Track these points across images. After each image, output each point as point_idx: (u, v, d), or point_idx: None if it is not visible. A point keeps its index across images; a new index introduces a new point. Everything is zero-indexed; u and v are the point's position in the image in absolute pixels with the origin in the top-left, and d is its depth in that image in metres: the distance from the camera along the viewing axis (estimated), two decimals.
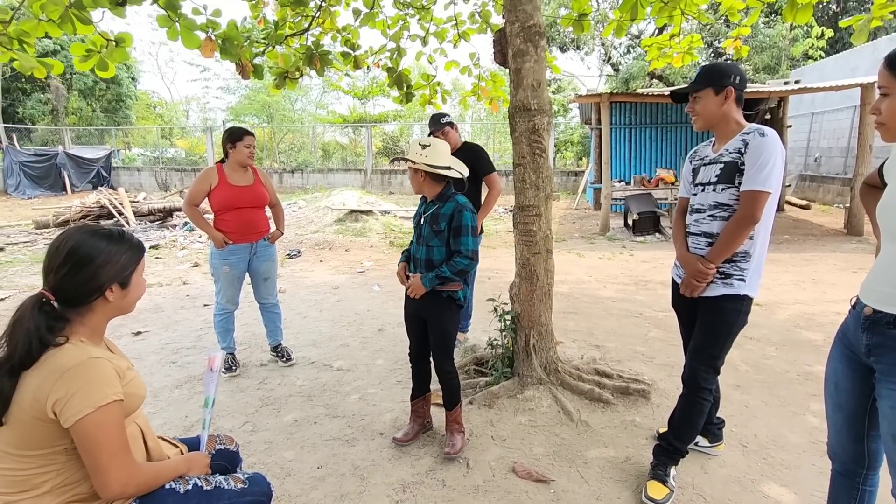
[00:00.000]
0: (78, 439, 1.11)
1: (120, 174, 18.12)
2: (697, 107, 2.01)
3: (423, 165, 2.28)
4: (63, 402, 1.09)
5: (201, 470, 1.39)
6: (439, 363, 2.41)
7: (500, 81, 4.98)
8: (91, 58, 3.04)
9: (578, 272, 6.32)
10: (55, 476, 1.15)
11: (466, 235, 2.27)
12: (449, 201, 2.33)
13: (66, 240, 1.21)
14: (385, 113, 24.31)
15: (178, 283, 5.85)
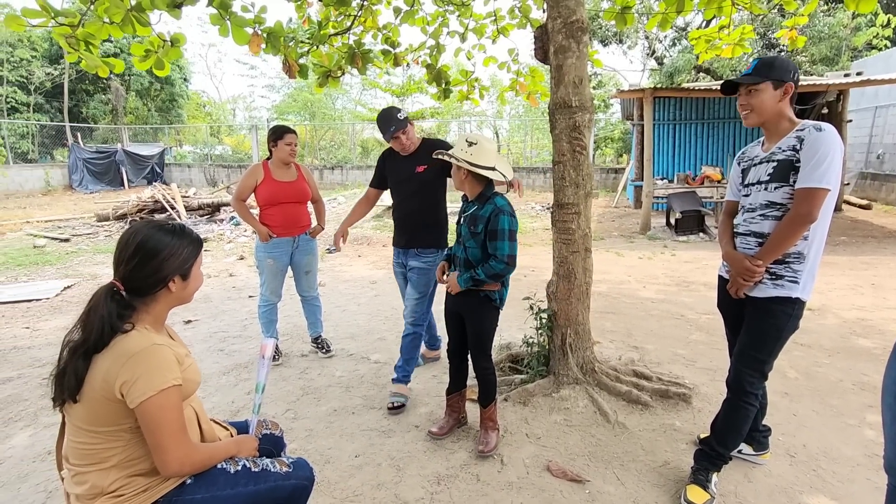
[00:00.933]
0: (141, 420, 1.20)
1: (172, 170, 19.05)
2: (753, 101, 1.91)
3: (464, 164, 2.26)
4: (129, 385, 1.17)
5: (250, 452, 1.46)
6: (476, 360, 2.43)
7: (539, 76, 4.93)
8: (149, 57, 3.22)
9: (617, 271, 6.19)
10: (121, 451, 1.24)
11: (503, 240, 2.22)
12: (488, 203, 2.29)
13: (135, 234, 1.30)
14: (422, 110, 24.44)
15: (224, 275, 6.12)
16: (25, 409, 2.90)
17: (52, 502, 2.11)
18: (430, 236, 2.99)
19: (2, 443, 2.56)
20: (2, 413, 2.85)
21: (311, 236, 3.55)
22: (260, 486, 1.39)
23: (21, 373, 3.37)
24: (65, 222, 10.12)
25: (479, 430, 2.48)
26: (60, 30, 3.00)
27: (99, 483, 1.22)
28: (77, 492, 1.23)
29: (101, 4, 2.91)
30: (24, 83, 18.87)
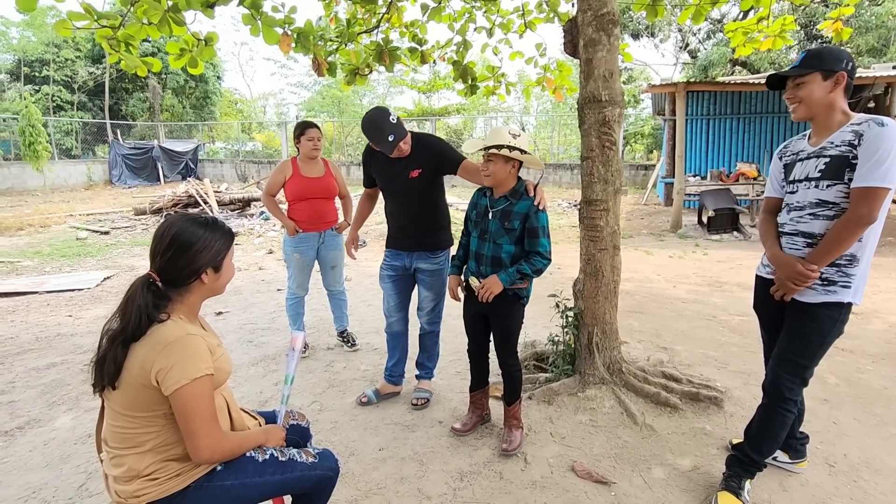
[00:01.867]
0: (175, 407, 1.24)
1: (205, 166, 19.60)
2: (801, 93, 1.80)
3: (519, 154, 2.19)
4: (164, 373, 1.21)
5: (277, 442, 1.49)
6: (504, 358, 2.41)
7: (566, 71, 4.85)
8: (184, 56, 3.32)
9: (646, 270, 6.05)
10: (155, 437, 1.28)
11: (544, 236, 2.24)
12: (524, 199, 2.27)
13: (170, 227, 1.34)
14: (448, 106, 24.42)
15: (254, 269, 6.26)
16: (68, 393, 3.04)
17: (92, 483, 2.20)
18: (441, 237, 2.83)
19: (46, 424, 2.69)
20: (46, 396, 2.99)
21: (338, 231, 3.59)
22: (287, 475, 1.41)
23: (64, 358, 3.53)
24: (105, 216, 10.54)
25: (504, 428, 2.46)
26: (102, 32, 3.12)
27: (135, 466, 1.26)
28: (115, 473, 1.28)
29: (140, 6, 3.00)
30: (69, 82, 19.71)
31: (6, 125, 16.42)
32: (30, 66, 19.35)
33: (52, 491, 2.16)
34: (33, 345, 3.78)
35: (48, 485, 2.20)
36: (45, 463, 2.36)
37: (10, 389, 3.08)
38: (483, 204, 2.39)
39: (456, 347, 3.71)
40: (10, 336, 3.95)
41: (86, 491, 2.16)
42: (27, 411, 2.82)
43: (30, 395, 3.02)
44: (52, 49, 19.18)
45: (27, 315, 4.47)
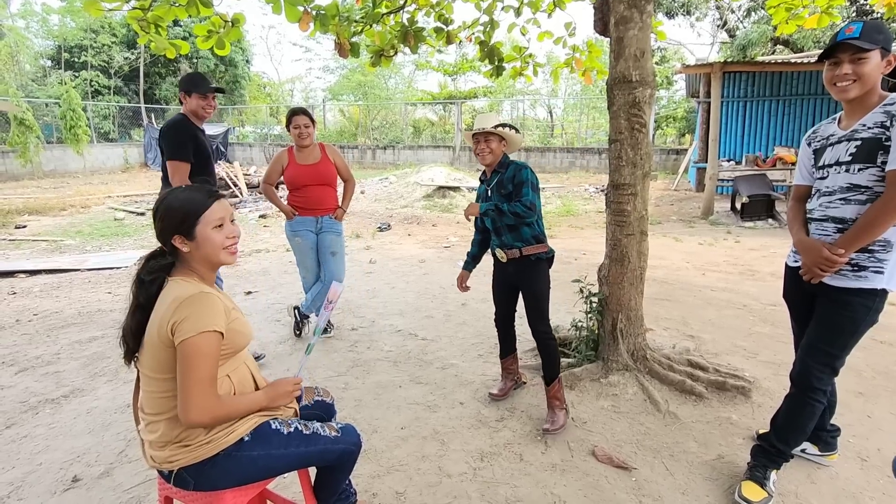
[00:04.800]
0: (178, 360, 1.26)
1: (234, 149, 19.98)
2: (862, 69, 1.65)
3: (509, 131, 2.48)
4: (178, 325, 1.26)
5: (285, 398, 1.46)
6: (535, 324, 2.49)
7: (596, 52, 4.71)
8: (211, 37, 3.36)
9: (674, 257, 5.91)
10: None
11: (527, 187, 2.40)
12: (510, 165, 2.50)
13: (158, 200, 1.42)
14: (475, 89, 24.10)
15: (282, 250, 6.39)
16: (108, 365, 3.20)
17: (130, 450, 2.33)
18: None
19: (90, 394, 2.84)
20: (89, 368, 3.16)
21: (335, 219, 3.53)
22: (310, 448, 1.46)
23: (104, 333, 3.70)
24: (140, 197, 10.91)
25: (547, 408, 2.49)
26: (133, 13, 3.19)
27: (168, 432, 1.32)
28: (150, 439, 1.35)
29: None
30: (106, 67, 20.28)
31: (48, 110, 17.06)
32: (69, 52, 19.97)
33: (94, 456, 2.29)
34: (76, 319, 3.98)
35: (91, 450, 2.33)
36: (88, 430, 2.50)
37: (56, 360, 3.26)
38: (482, 189, 2.62)
39: (478, 330, 3.73)
40: (55, 310, 4.17)
41: (125, 457, 2.28)
42: (71, 381, 2.99)
43: (73, 366, 3.19)
44: (89, 35, 19.71)
45: (70, 291, 4.70)
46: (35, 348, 3.44)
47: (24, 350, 3.41)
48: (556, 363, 2.47)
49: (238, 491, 1.41)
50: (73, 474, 2.16)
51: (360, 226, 7.82)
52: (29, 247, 6.58)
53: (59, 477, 2.15)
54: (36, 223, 8.15)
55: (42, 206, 9.48)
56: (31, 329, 3.77)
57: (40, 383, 2.96)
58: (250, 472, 1.37)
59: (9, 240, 6.92)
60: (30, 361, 3.24)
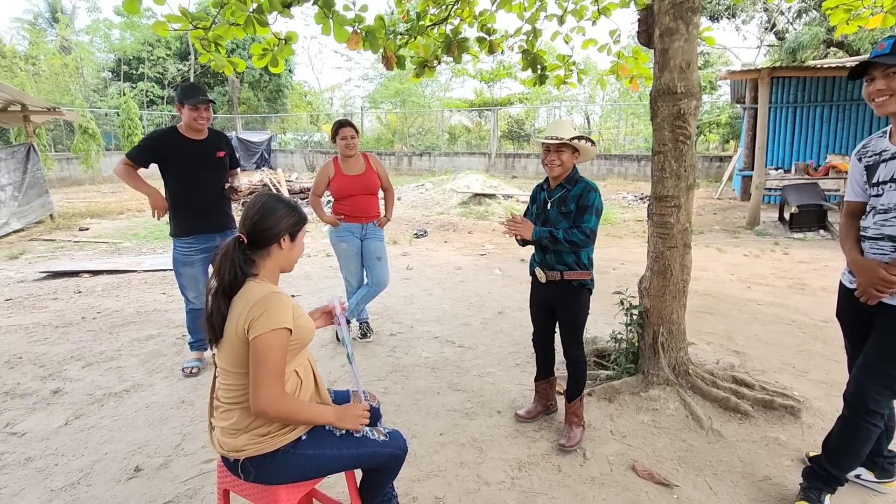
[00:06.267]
0: (251, 354, 1.37)
1: (277, 156, 20.69)
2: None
3: (585, 143, 2.31)
4: (252, 323, 1.36)
5: (353, 422, 1.51)
6: (569, 348, 2.44)
7: (642, 58, 4.66)
8: (266, 56, 3.54)
9: (717, 269, 5.74)
10: None
11: (590, 214, 2.28)
12: (579, 183, 2.35)
13: (261, 197, 1.54)
14: (511, 96, 24.09)
15: (322, 255, 6.59)
16: (164, 362, 3.40)
17: (186, 443, 2.47)
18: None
19: (148, 389, 3.03)
20: (147, 364, 3.37)
21: (379, 226, 3.66)
22: (361, 451, 1.53)
23: (160, 331, 3.93)
24: None
25: (564, 424, 2.48)
26: (195, 33, 3.40)
27: (242, 420, 1.42)
28: (223, 425, 1.45)
29: (228, 9, 3.24)
30: (160, 78, 21.47)
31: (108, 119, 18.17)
32: (128, 65, 21.26)
33: (154, 448, 2.45)
34: (134, 318, 4.24)
35: (150, 442, 2.50)
36: (147, 423, 2.67)
37: (118, 356, 3.49)
38: (542, 197, 2.47)
39: (515, 339, 3.74)
40: (116, 309, 4.45)
41: (181, 450, 2.43)
42: (132, 376, 3.19)
43: (133, 362, 3.40)
44: (146, 48, 20.94)
45: (129, 291, 5.00)
46: (99, 344, 3.69)
47: (89, 346, 3.66)
48: (582, 384, 2.44)
49: (292, 487, 1.49)
50: (136, 464, 2.32)
51: (396, 232, 7.95)
52: (91, 248, 7.04)
53: (123, 466, 2.31)
54: (97, 226, 8.71)
55: (102, 210, 10.12)
56: (95, 326, 4.05)
57: (104, 377, 3.18)
58: (305, 470, 1.45)
59: (73, 241, 7.43)
60: (95, 357, 3.48)
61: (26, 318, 4.22)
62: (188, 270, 3.16)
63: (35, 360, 3.42)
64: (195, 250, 3.14)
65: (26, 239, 7.59)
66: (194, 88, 3.09)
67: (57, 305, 4.56)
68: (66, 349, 3.60)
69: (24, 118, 8.86)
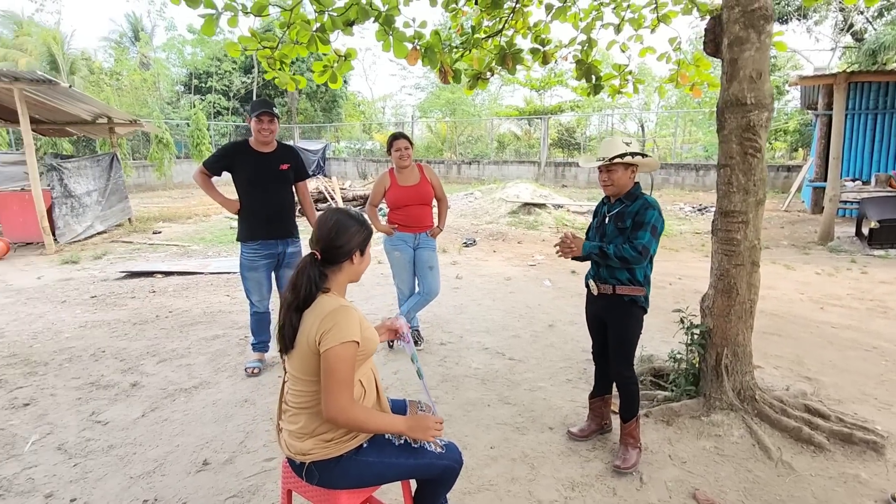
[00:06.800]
0: (322, 365, 1.43)
1: (331, 164, 21.43)
2: None
3: (637, 159, 2.26)
4: (323, 335, 1.42)
5: (425, 433, 1.51)
6: (618, 368, 2.37)
7: (705, 65, 4.49)
8: (326, 72, 3.70)
9: (786, 287, 5.39)
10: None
11: (645, 231, 2.22)
12: (638, 199, 2.31)
13: (333, 214, 1.61)
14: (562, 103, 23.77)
15: (374, 263, 6.74)
16: (228, 361, 3.59)
17: (249, 441, 2.61)
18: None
19: (214, 387, 3.22)
20: (213, 363, 3.57)
21: (431, 236, 3.73)
22: (418, 461, 1.56)
23: (225, 332, 4.17)
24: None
25: (619, 444, 2.41)
26: (263, 52, 3.61)
27: (309, 424, 1.49)
28: (291, 428, 1.53)
29: (293, 29, 3.42)
30: (226, 91, 22.82)
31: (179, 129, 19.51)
32: (198, 78, 22.76)
33: (220, 444, 2.60)
34: (202, 318, 4.52)
35: (216, 438, 2.65)
36: (214, 419, 2.84)
37: (188, 353, 3.73)
38: (602, 212, 2.45)
39: (566, 354, 3.68)
40: (185, 309, 4.77)
41: (245, 448, 2.56)
42: (200, 374, 3.40)
43: (201, 360, 3.62)
44: (215, 62, 22.35)
45: (197, 292, 5.34)
46: (171, 342, 3.96)
47: (162, 343, 3.94)
48: (636, 405, 2.36)
49: (352, 493, 1.54)
50: (204, 458, 2.46)
51: (446, 241, 8.02)
52: (163, 250, 7.57)
53: (193, 459, 2.47)
54: (168, 229, 9.36)
55: (173, 214, 10.86)
56: (167, 324, 4.35)
57: (176, 373, 3.40)
58: (365, 476, 1.50)
59: (148, 243, 8.02)
60: (167, 353, 3.74)
61: (108, 315, 4.59)
62: (253, 275, 3.33)
63: (116, 354, 3.72)
64: (260, 255, 3.31)
65: (108, 241, 8.26)
66: (261, 103, 3.29)
67: (134, 303, 4.94)
68: (142, 345, 3.89)
69: (109, 130, 9.69)
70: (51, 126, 9.33)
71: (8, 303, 4.96)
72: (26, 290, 5.42)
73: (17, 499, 2.19)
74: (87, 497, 2.20)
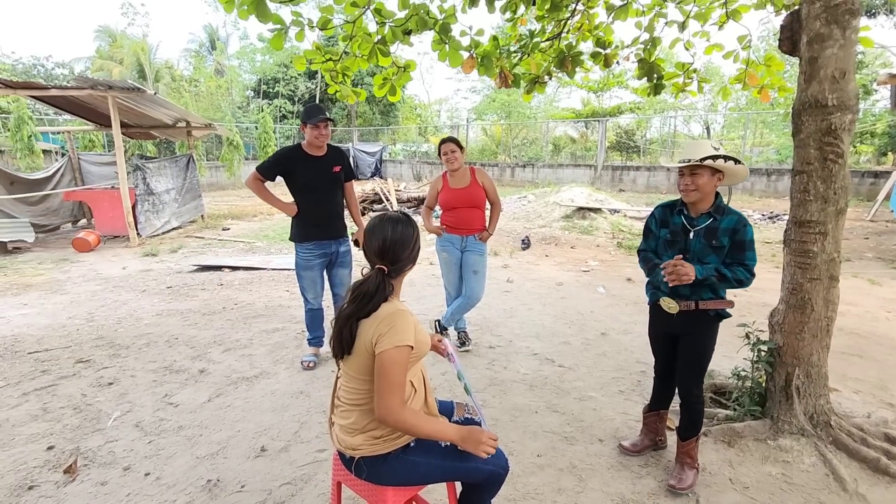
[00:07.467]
0: (376, 367, 1.47)
1: (387, 166, 21.97)
2: None
3: (730, 164, 2.08)
4: (379, 338, 1.46)
5: (476, 446, 1.48)
6: (687, 384, 2.25)
7: (777, 65, 4.20)
8: (385, 85, 3.80)
9: (869, 304, 4.93)
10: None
11: (752, 250, 2.12)
12: (729, 214, 2.15)
13: (389, 225, 1.59)
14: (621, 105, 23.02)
15: (426, 264, 6.84)
16: (287, 354, 3.78)
17: (304, 431, 2.73)
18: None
19: (273, 377, 3.39)
20: (273, 354, 3.77)
21: (480, 240, 3.70)
22: (463, 464, 1.57)
23: (284, 325, 4.38)
24: None
25: (675, 463, 2.30)
26: (326, 66, 3.76)
27: (360, 421, 1.55)
28: (342, 423, 1.59)
29: (355, 42, 3.54)
30: (292, 95, 23.98)
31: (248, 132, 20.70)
32: (266, 84, 24.07)
33: (276, 432, 2.74)
34: (263, 311, 4.77)
35: (273, 427, 2.79)
36: (271, 408, 2.99)
37: (250, 344, 3.96)
38: (678, 222, 2.23)
39: (619, 364, 3.56)
40: (249, 302, 5.05)
41: (299, 437, 2.68)
42: (260, 364, 3.60)
43: (261, 351, 3.83)
44: (282, 69, 23.55)
45: (259, 287, 5.65)
46: (235, 332, 4.21)
47: (227, 333, 4.20)
48: (699, 425, 2.24)
49: (398, 490, 1.58)
50: (262, 445, 2.61)
51: (497, 244, 7.99)
52: (231, 246, 8.06)
53: (252, 444, 2.61)
54: (236, 226, 9.95)
55: (240, 213, 11.54)
56: (233, 316, 4.63)
57: (239, 363, 3.62)
58: (412, 475, 1.54)
59: (218, 239, 8.57)
60: (232, 343, 3.98)
61: (182, 305, 4.96)
62: (308, 274, 3.48)
63: (187, 341, 4.01)
64: (314, 255, 3.45)
65: (183, 235, 8.91)
66: (315, 109, 3.38)
67: (204, 295, 5.30)
68: (210, 334, 4.16)
69: (187, 133, 10.45)
70: (138, 129, 10.19)
71: (98, 290, 5.47)
72: (113, 278, 5.96)
73: (100, 469, 2.42)
74: (160, 472, 2.39)
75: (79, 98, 7.97)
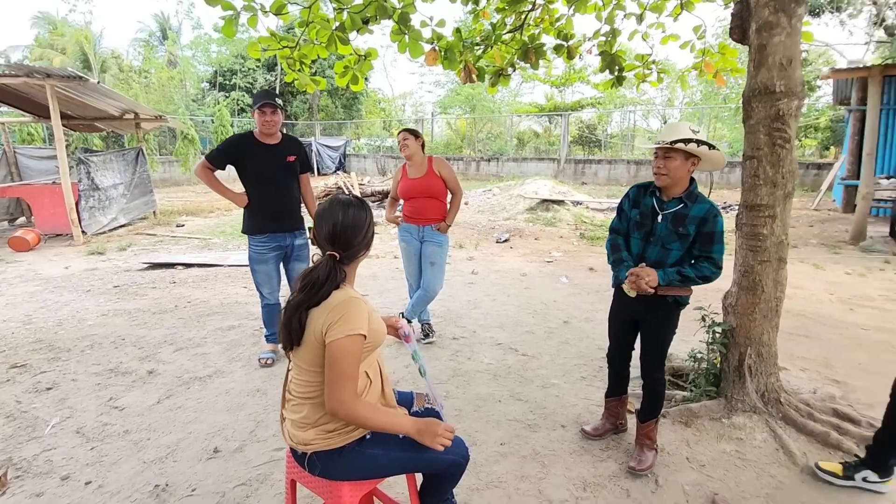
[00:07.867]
0: (326, 356, 1.40)
1: (351, 160, 21.58)
2: None
3: (704, 149, 2.03)
4: (330, 327, 1.39)
5: (432, 439, 1.45)
6: (650, 368, 2.26)
7: (730, 52, 4.34)
8: (347, 73, 3.67)
9: (813, 287, 5.19)
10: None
11: (720, 243, 2.08)
12: (701, 202, 2.10)
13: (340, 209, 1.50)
14: (582, 100, 23.43)
15: (390, 257, 6.75)
16: (243, 352, 3.62)
17: (260, 430, 2.61)
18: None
19: (228, 376, 3.25)
20: (228, 353, 3.61)
21: (437, 230, 3.63)
22: (422, 455, 1.52)
23: (241, 322, 4.21)
24: None
25: (635, 445, 2.33)
26: (283, 53, 3.60)
27: (312, 415, 1.47)
28: (293, 418, 1.51)
29: (313, 28, 3.40)
30: (250, 88, 23.16)
31: (204, 126, 19.89)
32: (223, 76, 23.16)
33: (230, 432, 2.61)
34: (219, 308, 4.57)
35: (228, 426, 2.66)
36: (226, 408, 2.85)
37: (203, 343, 3.78)
38: (648, 204, 2.20)
39: (581, 351, 3.60)
40: (203, 300, 4.83)
41: (255, 437, 2.57)
42: (214, 363, 3.44)
43: (216, 349, 3.66)
44: (239, 60, 22.71)
45: (215, 284, 5.41)
46: (188, 331, 4.02)
47: (179, 332, 4.00)
48: (659, 406, 2.28)
49: (354, 485, 1.52)
50: (215, 446, 2.48)
51: (462, 236, 7.98)
52: (185, 243, 7.71)
53: (204, 446, 2.48)
54: (191, 222, 9.53)
55: (196, 208, 11.06)
56: (185, 314, 4.42)
57: (191, 362, 3.45)
58: (369, 468, 1.48)
59: (171, 236, 8.18)
60: (184, 342, 3.79)
61: (130, 304, 4.69)
62: (262, 268, 3.34)
63: (135, 342, 3.79)
64: (268, 248, 3.31)
65: (133, 233, 8.46)
66: (262, 94, 3.26)
67: (155, 294, 5.03)
68: (160, 334, 3.95)
69: (136, 125, 9.91)
70: (80, 121, 9.58)
71: (37, 291, 5.11)
72: (54, 279, 5.58)
73: (35, 480, 2.24)
74: (102, 480, 2.23)
75: (13, 87, 7.42)
